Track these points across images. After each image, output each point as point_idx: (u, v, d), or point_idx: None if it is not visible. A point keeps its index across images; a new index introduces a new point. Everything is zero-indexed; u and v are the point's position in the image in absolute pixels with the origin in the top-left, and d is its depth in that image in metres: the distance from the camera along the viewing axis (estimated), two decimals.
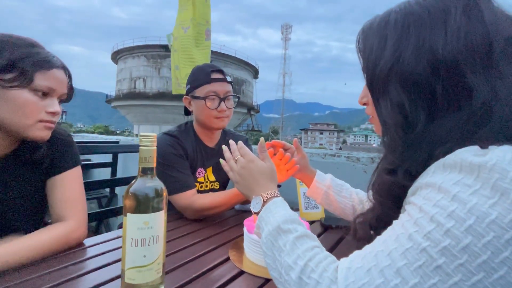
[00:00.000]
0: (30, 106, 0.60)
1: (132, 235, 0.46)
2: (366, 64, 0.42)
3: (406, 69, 0.37)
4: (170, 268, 0.59)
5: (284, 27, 60.16)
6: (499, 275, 0.26)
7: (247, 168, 0.58)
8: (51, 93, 0.64)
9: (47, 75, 0.62)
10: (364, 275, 0.31)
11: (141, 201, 0.46)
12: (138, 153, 0.47)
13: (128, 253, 0.46)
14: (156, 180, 0.49)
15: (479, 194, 0.28)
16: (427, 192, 0.32)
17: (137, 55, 25.98)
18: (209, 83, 1.00)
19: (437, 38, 0.35)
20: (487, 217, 0.27)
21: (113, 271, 0.57)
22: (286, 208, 0.49)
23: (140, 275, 0.46)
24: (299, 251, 0.38)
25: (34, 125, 0.62)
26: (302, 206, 1.02)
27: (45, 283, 0.51)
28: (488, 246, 0.26)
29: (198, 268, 0.60)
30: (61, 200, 0.70)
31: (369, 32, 0.42)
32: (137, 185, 0.47)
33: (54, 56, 0.66)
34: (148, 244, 0.46)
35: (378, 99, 0.41)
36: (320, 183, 0.79)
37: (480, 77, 0.33)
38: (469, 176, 0.29)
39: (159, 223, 0.48)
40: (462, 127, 0.34)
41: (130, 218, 0.46)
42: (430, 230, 0.29)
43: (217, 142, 1.12)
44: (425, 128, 0.36)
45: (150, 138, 0.47)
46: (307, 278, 0.35)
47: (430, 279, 0.28)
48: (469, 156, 0.30)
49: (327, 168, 1.22)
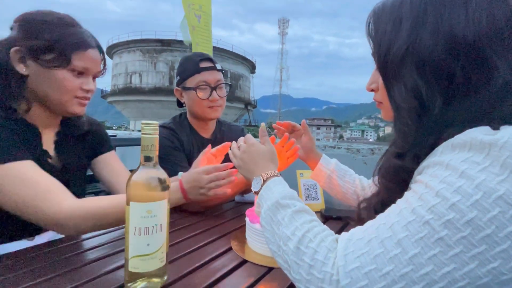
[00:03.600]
0: (68, 84, 0.66)
1: (135, 223, 0.45)
2: (378, 48, 0.40)
3: (423, 52, 0.35)
4: (173, 258, 0.59)
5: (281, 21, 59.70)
6: (502, 249, 0.27)
7: (247, 151, 0.59)
8: (87, 72, 0.69)
9: (83, 55, 0.67)
10: (364, 245, 0.31)
11: (144, 189, 0.46)
12: (140, 141, 0.47)
13: (131, 242, 0.46)
14: (159, 168, 0.48)
15: (488, 171, 0.28)
16: (434, 170, 0.32)
17: (132, 49, 25.67)
18: (199, 72, 0.98)
19: (457, 18, 0.33)
20: (494, 192, 0.27)
21: (116, 260, 0.57)
22: (285, 186, 0.50)
23: (144, 264, 0.46)
24: (297, 223, 0.39)
25: (71, 100, 0.68)
26: (303, 197, 1.02)
27: (49, 273, 0.51)
28: (493, 221, 0.27)
29: (201, 258, 0.60)
30: (120, 172, 0.84)
31: (382, 14, 0.40)
32: (140, 174, 0.46)
33: (89, 36, 0.70)
34: (152, 232, 0.46)
35: (391, 83, 0.39)
36: (324, 166, 0.79)
37: (502, 58, 0.33)
38: (479, 154, 0.29)
39: (162, 212, 0.47)
40: (477, 108, 0.34)
41: (133, 207, 0.45)
42: (435, 204, 0.29)
43: (213, 132, 1.11)
44: (441, 113, 0.35)
45: (152, 126, 0.46)
46: (305, 248, 0.35)
47: (431, 250, 0.28)
48: (479, 135, 0.30)
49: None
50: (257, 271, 0.56)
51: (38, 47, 0.62)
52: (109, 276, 0.52)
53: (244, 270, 0.57)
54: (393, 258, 0.29)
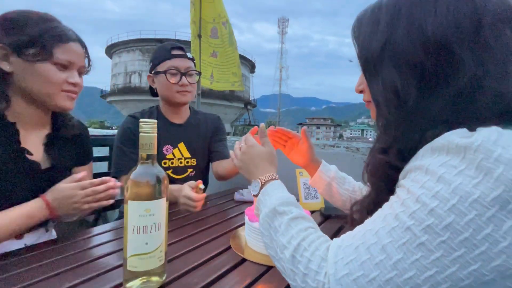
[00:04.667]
0: (53, 76, 0.66)
1: (133, 222, 0.45)
2: (360, 49, 0.43)
3: (398, 49, 0.38)
4: (172, 257, 0.59)
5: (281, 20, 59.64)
6: (481, 251, 0.27)
7: (247, 153, 0.60)
8: (71, 65, 0.69)
9: (65, 48, 0.67)
10: (352, 252, 0.33)
11: (142, 188, 0.46)
12: (139, 139, 0.46)
13: (130, 240, 0.45)
14: (157, 167, 0.48)
15: (464, 175, 0.29)
16: (416, 174, 0.33)
17: (131, 49, 25.62)
18: (170, 58, 1.02)
19: (426, 16, 0.36)
20: (470, 196, 0.28)
21: (115, 259, 0.57)
22: (283, 190, 0.50)
23: (143, 263, 0.46)
24: (293, 231, 0.40)
25: (58, 93, 0.68)
26: (302, 196, 1.02)
27: (48, 271, 0.51)
28: (470, 224, 0.27)
29: (200, 257, 0.60)
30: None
31: (363, 19, 0.43)
32: (138, 172, 0.46)
33: (69, 30, 0.70)
34: (150, 231, 0.45)
35: (371, 80, 0.42)
36: (324, 173, 0.79)
37: (468, 52, 0.34)
38: (456, 158, 0.30)
39: (161, 211, 0.47)
40: (452, 104, 0.35)
41: (132, 206, 0.45)
42: (415, 210, 0.30)
43: (187, 119, 1.13)
44: (416, 105, 0.37)
45: (150, 124, 0.46)
46: (300, 256, 0.36)
47: (413, 255, 0.29)
48: (456, 138, 0.31)
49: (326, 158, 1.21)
50: (256, 270, 0.56)
51: (20, 42, 0.62)
52: (108, 275, 0.51)
53: (243, 269, 0.57)
54: (378, 264, 0.31)
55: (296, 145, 0.84)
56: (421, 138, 0.36)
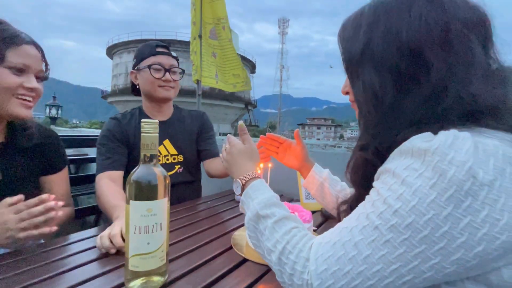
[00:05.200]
0: (6, 81, 0.62)
1: (135, 222, 0.45)
2: (343, 52, 0.46)
3: (376, 52, 0.41)
4: (173, 257, 0.59)
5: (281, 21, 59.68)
6: (440, 247, 0.30)
7: (229, 152, 0.62)
8: (27, 69, 0.65)
9: (18, 51, 0.63)
10: (330, 248, 0.36)
11: (144, 188, 0.46)
12: (140, 140, 0.46)
13: (131, 240, 0.45)
14: (159, 167, 0.48)
15: (423, 177, 0.32)
16: (385, 177, 0.36)
17: (132, 49, 25.62)
18: (155, 55, 1.02)
19: (402, 23, 0.39)
20: (428, 197, 0.31)
21: (116, 259, 0.57)
22: (264, 191, 0.51)
23: (144, 263, 0.46)
24: (277, 235, 0.43)
25: (10, 100, 0.63)
26: (303, 196, 1.02)
27: (49, 272, 0.51)
28: (429, 223, 0.30)
29: (201, 257, 0.60)
30: (62, 194, 0.82)
31: (347, 24, 0.46)
32: (140, 172, 0.46)
33: (22, 32, 0.66)
34: (152, 231, 0.46)
35: (354, 82, 0.45)
36: (317, 174, 0.80)
37: (438, 56, 0.37)
38: (417, 161, 0.33)
39: (163, 211, 0.47)
40: (423, 105, 0.37)
41: (133, 206, 0.45)
42: (382, 211, 0.34)
43: (171, 116, 1.13)
44: (392, 105, 0.39)
45: (152, 124, 0.46)
46: (286, 259, 0.40)
47: (380, 251, 0.33)
48: (418, 142, 0.34)
49: (327, 159, 1.22)
50: (257, 270, 0.56)
51: None
52: (109, 275, 0.52)
53: (245, 269, 0.57)
54: (351, 259, 0.34)
55: (289, 149, 0.86)
56: (395, 138, 0.38)
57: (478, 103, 0.36)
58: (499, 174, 0.29)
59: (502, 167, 0.30)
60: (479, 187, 0.29)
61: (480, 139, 0.32)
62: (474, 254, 0.29)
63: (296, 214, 0.69)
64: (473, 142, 0.31)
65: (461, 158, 0.30)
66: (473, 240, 0.29)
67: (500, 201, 0.29)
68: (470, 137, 0.31)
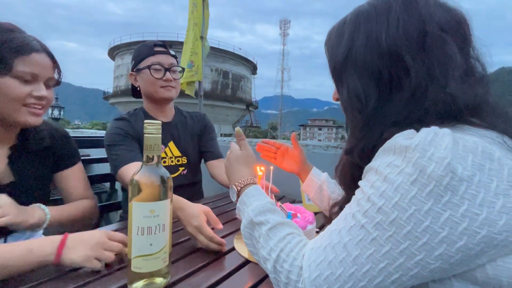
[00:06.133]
0: (12, 91, 0.61)
1: (138, 223, 0.45)
2: (329, 60, 0.47)
3: (358, 58, 0.42)
4: (175, 258, 0.59)
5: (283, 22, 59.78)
6: (423, 242, 0.30)
7: (227, 159, 0.63)
8: (36, 78, 0.64)
9: (27, 60, 0.62)
10: (321, 252, 0.36)
11: (147, 189, 0.46)
12: (143, 141, 0.46)
13: (134, 241, 0.45)
14: (161, 168, 0.48)
15: (404, 173, 0.32)
16: (369, 175, 0.37)
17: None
18: (153, 55, 1.01)
19: (381, 29, 0.40)
20: (409, 193, 0.31)
21: (119, 260, 0.57)
22: (259, 197, 0.52)
23: (147, 264, 0.46)
24: (272, 243, 0.42)
25: (19, 109, 0.63)
26: (305, 197, 1.02)
27: (52, 273, 0.51)
28: (411, 218, 0.31)
29: (204, 258, 0.60)
30: (77, 186, 0.83)
31: (332, 33, 0.48)
32: (142, 173, 0.46)
33: (33, 40, 0.65)
34: (155, 232, 0.46)
35: (339, 88, 0.46)
36: (316, 176, 0.80)
37: (417, 60, 0.38)
38: (399, 157, 0.33)
39: (165, 212, 0.47)
40: (404, 107, 0.38)
41: (136, 207, 0.45)
42: (367, 209, 0.34)
43: (173, 117, 1.12)
44: (376, 108, 0.40)
45: (155, 125, 0.46)
46: (280, 267, 0.40)
47: (368, 250, 0.33)
48: (400, 139, 0.34)
49: (329, 160, 1.21)
50: (260, 272, 0.55)
51: None
52: (112, 276, 0.51)
53: (247, 270, 0.57)
54: (341, 261, 0.34)
55: (286, 153, 0.86)
56: (379, 139, 0.39)
57: (457, 103, 0.36)
58: (478, 170, 0.30)
59: (481, 163, 0.30)
60: (458, 182, 0.29)
61: (461, 135, 0.32)
62: (456, 249, 0.29)
63: (299, 216, 0.69)
64: (453, 138, 0.31)
65: (440, 154, 0.30)
66: (454, 234, 0.29)
67: (479, 196, 0.29)
68: (450, 134, 0.32)
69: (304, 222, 0.65)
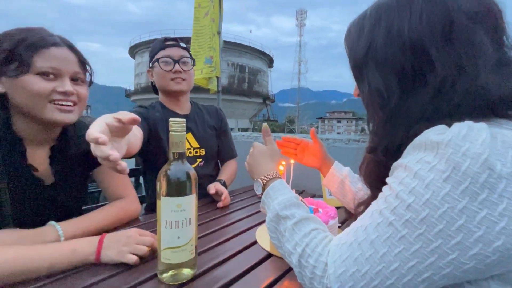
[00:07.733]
0: (35, 88, 0.60)
1: (166, 217, 0.47)
2: (349, 55, 0.46)
3: (379, 53, 0.40)
4: (200, 251, 0.61)
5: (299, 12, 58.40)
6: (456, 241, 0.29)
7: (251, 154, 0.63)
8: (57, 73, 0.62)
9: (46, 55, 0.61)
10: (347, 249, 0.36)
11: (174, 185, 0.48)
12: (169, 138, 0.48)
13: (163, 234, 0.48)
14: (186, 164, 0.50)
15: (436, 170, 0.31)
16: (397, 172, 0.36)
17: None
18: (164, 48, 1.04)
19: (403, 21, 0.38)
20: (441, 190, 0.30)
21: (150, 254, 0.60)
22: (284, 191, 0.52)
23: (175, 255, 0.48)
24: (297, 237, 0.43)
25: (45, 106, 0.61)
26: (326, 192, 1.01)
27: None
28: (444, 216, 0.30)
29: (228, 251, 0.61)
30: (115, 184, 0.80)
31: (352, 27, 0.46)
32: (170, 170, 0.48)
33: (51, 35, 0.64)
34: (182, 226, 0.48)
35: (360, 84, 0.45)
36: (337, 171, 0.79)
37: (443, 52, 0.36)
38: (430, 153, 0.32)
39: (191, 206, 0.49)
40: (431, 102, 0.37)
41: (164, 201, 0.47)
42: (396, 206, 0.33)
43: (190, 111, 1.15)
44: (399, 104, 0.39)
45: (180, 123, 0.48)
46: (305, 262, 0.40)
47: (396, 248, 0.32)
48: (431, 135, 0.33)
49: (351, 154, 1.19)
50: (282, 265, 0.56)
51: (1, 60, 0.59)
52: (142, 266, 0.54)
53: (270, 263, 0.58)
54: (368, 258, 0.34)
55: (307, 149, 0.85)
56: (404, 136, 0.37)
57: (490, 95, 0.34)
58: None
59: None
60: (496, 180, 0.28)
61: (498, 130, 0.31)
62: (493, 248, 0.28)
63: (321, 210, 0.69)
64: (490, 133, 0.30)
65: (476, 150, 0.29)
66: (491, 234, 0.28)
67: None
68: (487, 128, 0.30)
69: (326, 216, 0.65)
